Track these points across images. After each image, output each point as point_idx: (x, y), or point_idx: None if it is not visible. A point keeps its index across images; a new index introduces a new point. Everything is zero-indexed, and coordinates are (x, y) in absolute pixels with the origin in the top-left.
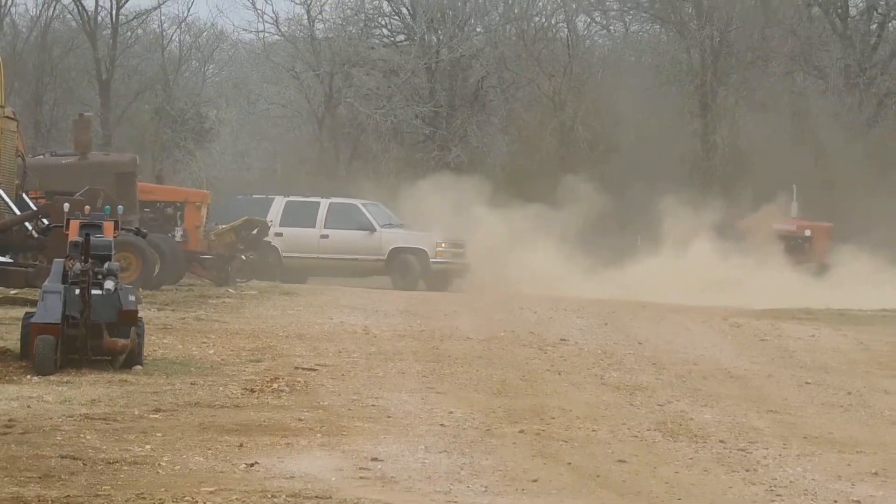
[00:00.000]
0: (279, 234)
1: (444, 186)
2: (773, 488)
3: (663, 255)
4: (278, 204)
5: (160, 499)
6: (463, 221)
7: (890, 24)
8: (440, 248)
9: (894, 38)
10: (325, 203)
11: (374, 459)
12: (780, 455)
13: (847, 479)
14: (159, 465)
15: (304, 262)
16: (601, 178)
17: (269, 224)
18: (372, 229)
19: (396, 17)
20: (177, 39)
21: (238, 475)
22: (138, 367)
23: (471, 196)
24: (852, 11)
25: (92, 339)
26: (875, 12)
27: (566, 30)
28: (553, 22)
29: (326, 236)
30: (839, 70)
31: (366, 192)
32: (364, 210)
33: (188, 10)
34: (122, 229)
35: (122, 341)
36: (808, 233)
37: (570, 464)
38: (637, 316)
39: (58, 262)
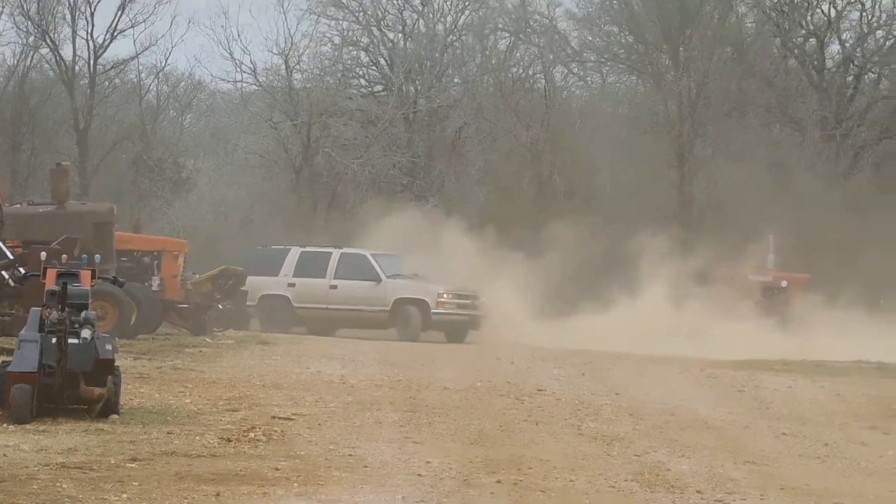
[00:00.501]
0: (292, 285)
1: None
2: None
3: (638, 305)
4: (293, 254)
5: None
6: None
7: (866, 76)
8: (441, 300)
9: (870, 90)
10: (336, 253)
11: None
12: None
13: None
14: None
15: (314, 313)
16: (578, 228)
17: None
18: (378, 280)
19: (374, 68)
20: (154, 89)
21: None
22: (115, 415)
23: (448, 242)
24: (829, 63)
25: (68, 387)
26: (851, 64)
27: (543, 81)
28: (530, 73)
29: (335, 287)
30: (816, 122)
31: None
32: (372, 260)
33: (166, 60)
34: (99, 278)
35: (98, 390)
36: (784, 284)
37: None
38: (614, 366)
39: (34, 311)
